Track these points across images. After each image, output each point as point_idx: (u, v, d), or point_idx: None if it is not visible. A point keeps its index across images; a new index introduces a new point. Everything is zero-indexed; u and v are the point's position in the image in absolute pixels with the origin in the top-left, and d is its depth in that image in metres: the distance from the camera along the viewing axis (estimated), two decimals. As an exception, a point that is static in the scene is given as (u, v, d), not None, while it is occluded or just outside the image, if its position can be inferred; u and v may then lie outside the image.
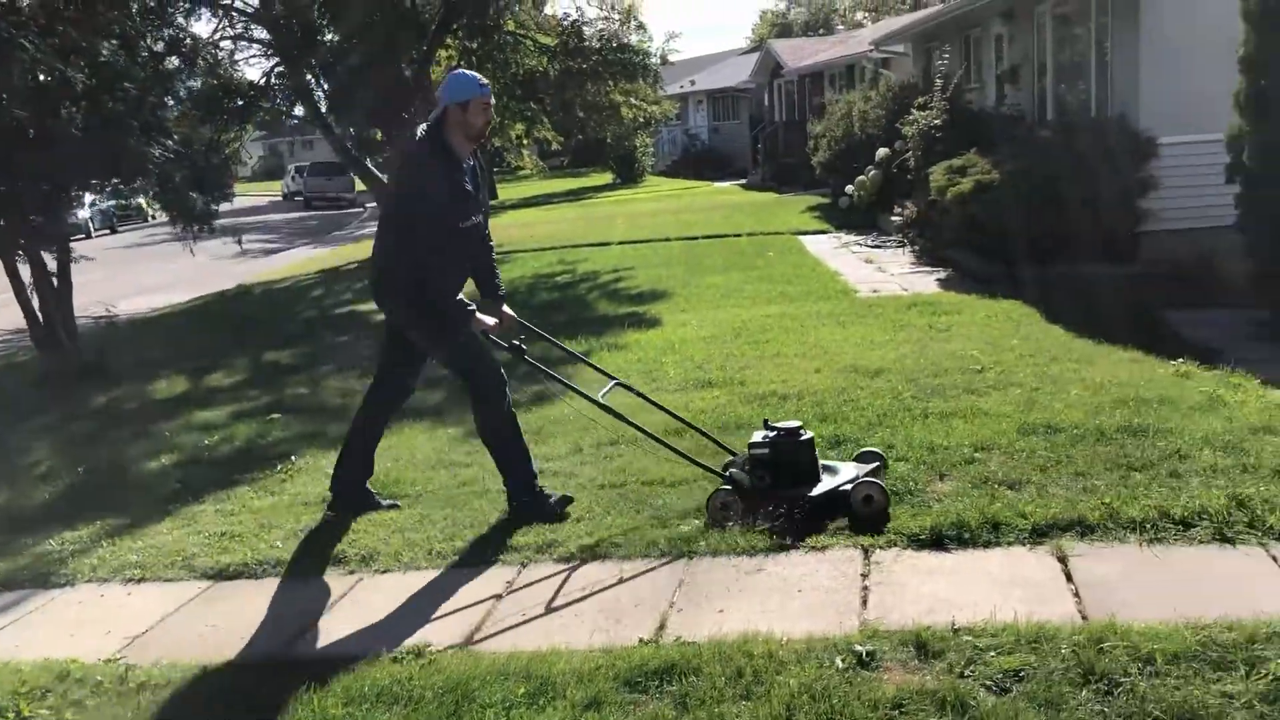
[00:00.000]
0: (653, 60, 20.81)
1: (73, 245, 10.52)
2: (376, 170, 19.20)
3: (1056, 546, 4.10)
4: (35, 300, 9.91)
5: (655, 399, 6.64)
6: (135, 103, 9.86)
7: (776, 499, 4.56)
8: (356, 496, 5.28)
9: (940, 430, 5.59)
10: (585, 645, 3.69)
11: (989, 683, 3.16)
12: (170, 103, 14.01)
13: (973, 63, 16.69)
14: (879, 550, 4.23)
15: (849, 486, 4.57)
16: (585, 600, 4.08)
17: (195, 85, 16.27)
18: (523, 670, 3.50)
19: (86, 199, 25.23)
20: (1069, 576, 3.88)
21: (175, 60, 14.10)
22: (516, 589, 4.27)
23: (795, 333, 8.70)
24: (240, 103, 18.08)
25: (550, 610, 4.04)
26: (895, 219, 14.64)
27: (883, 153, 16.38)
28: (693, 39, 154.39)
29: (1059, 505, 4.41)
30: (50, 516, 5.83)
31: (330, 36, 17.80)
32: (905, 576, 4.01)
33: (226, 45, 17.79)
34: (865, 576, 4.03)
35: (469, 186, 4.90)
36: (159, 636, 4.20)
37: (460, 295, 4.90)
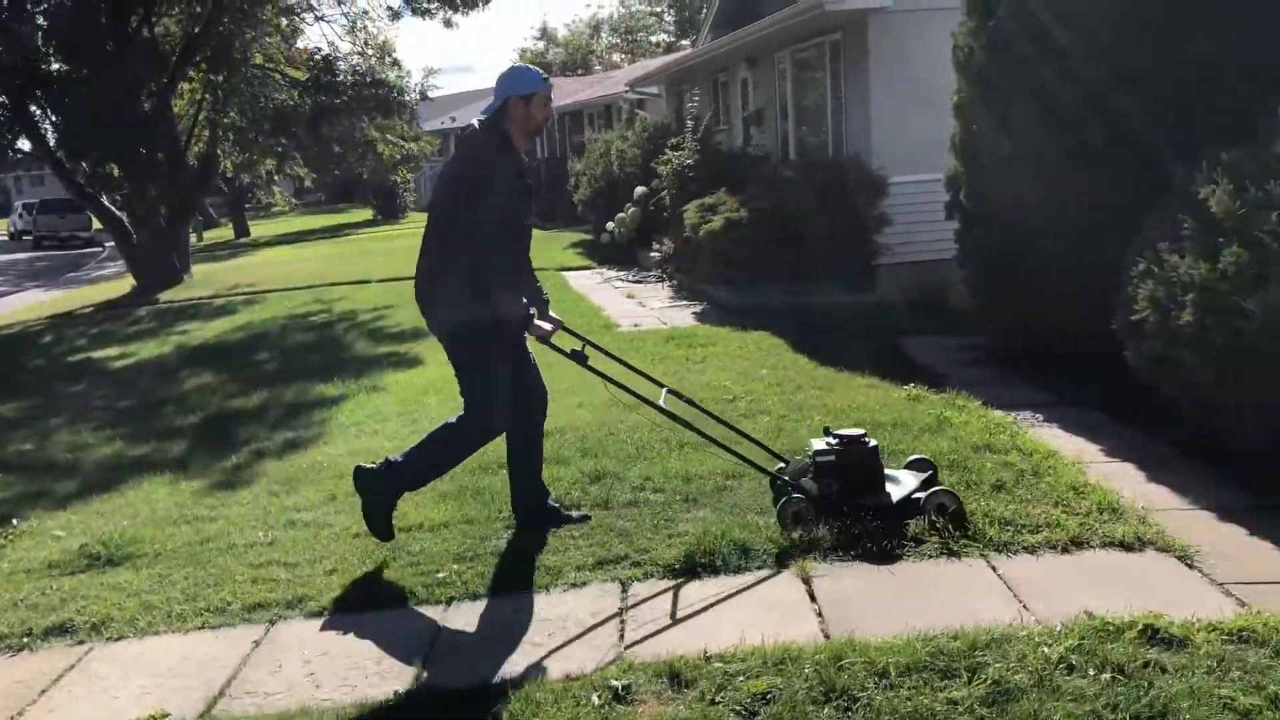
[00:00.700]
0: (410, 96, 20.58)
1: None
2: (114, 207, 18.04)
3: (801, 568, 4.28)
4: None
5: (413, 442, 6.59)
6: None
7: (854, 507, 4.55)
8: (541, 513, 5.03)
9: (695, 460, 5.75)
10: (339, 702, 3.55)
11: (738, 708, 3.25)
12: None
13: (721, 105, 17.42)
14: (636, 583, 4.29)
15: (922, 494, 4.60)
16: (334, 659, 3.93)
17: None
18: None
19: None
20: (813, 597, 4.06)
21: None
22: (264, 646, 4.07)
23: (559, 368, 8.71)
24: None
25: (300, 669, 3.86)
26: (654, 255, 15.04)
27: (640, 191, 16.81)
28: (450, 77, 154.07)
29: (838, 530, 4.60)
30: None
31: (59, 67, 16.65)
32: (661, 607, 4.08)
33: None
34: (623, 610, 4.07)
35: (530, 182, 4.74)
36: None
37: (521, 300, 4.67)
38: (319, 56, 19.38)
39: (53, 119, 17.53)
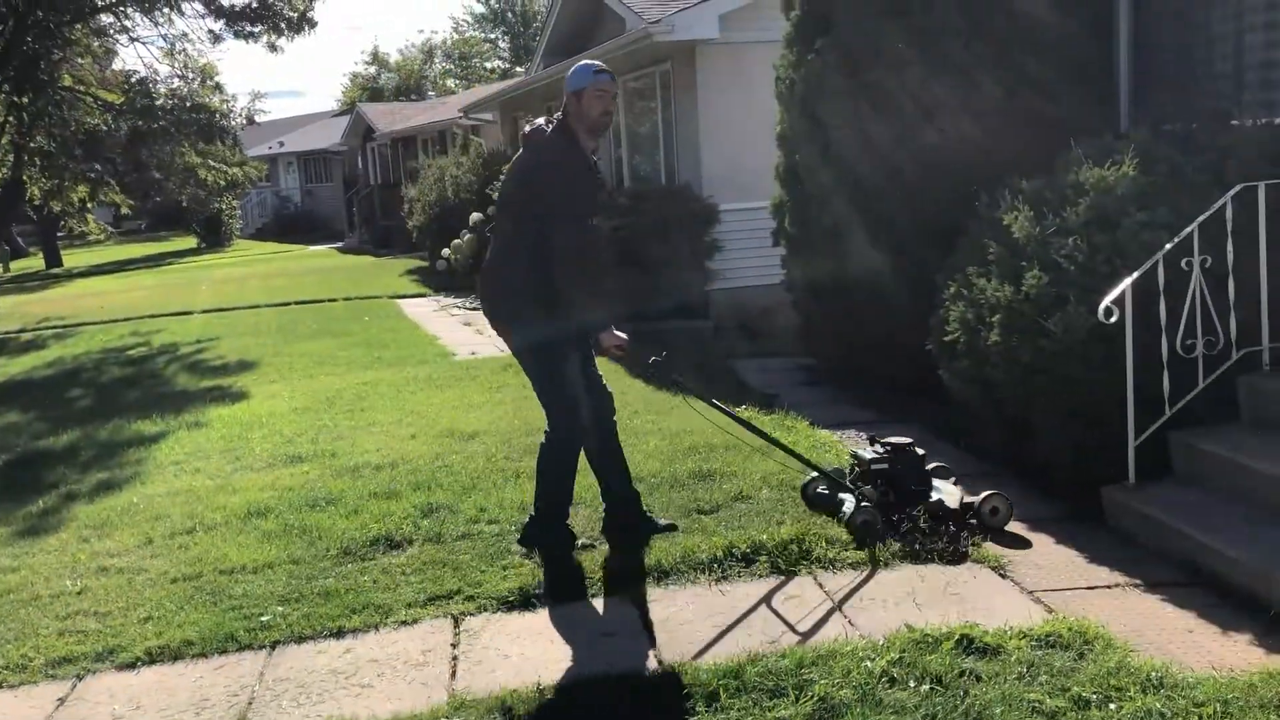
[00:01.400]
0: (234, 121, 19.92)
1: None
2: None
3: (638, 593, 4.31)
4: None
5: (237, 481, 6.36)
6: None
7: (903, 511, 4.76)
8: (636, 519, 4.93)
9: (531, 490, 5.68)
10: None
11: (572, 739, 3.24)
12: None
13: (556, 131, 17.46)
14: (469, 617, 4.23)
15: (973, 498, 4.84)
16: (147, 713, 3.72)
17: None
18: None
19: None
20: (647, 621, 4.08)
21: None
22: (70, 703, 3.82)
23: (392, 399, 8.58)
24: None
25: (110, 726, 3.65)
26: (491, 281, 14.91)
27: (476, 217, 16.69)
28: (279, 102, 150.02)
29: (630, 553, 4.63)
30: None
31: None
32: (495, 641, 4.03)
33: None
34: (455, 646, 4.00)
35: (600, 176, 4.62)
36: None
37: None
38: (134, 79, 18.56)
39: None
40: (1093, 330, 4.86)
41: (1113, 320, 4.64)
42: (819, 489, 5.08)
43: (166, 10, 17.68)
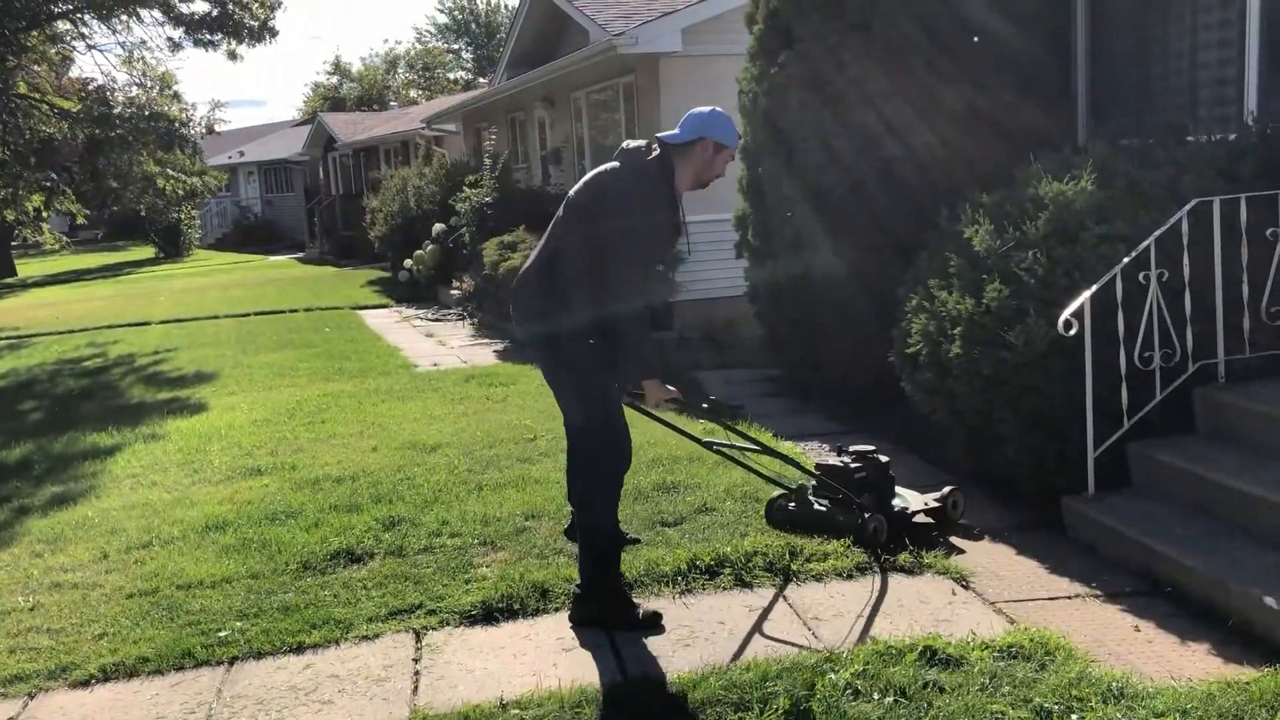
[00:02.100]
0: (194, 130, 19.70)
1: None
2: None
3: (601, 607, 4.27)
4: None
5: (195, 494, 6.28)
6: None
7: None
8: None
9: (494, 502, 5.67)
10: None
11: (535, 754, 3.21)
12: None
13: (519, 144, 17.46)
14: (431, 632, 4.19)
15: (937, 500, 5.09)
16: (105, 729, 3.66)
17: None
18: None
19: None
20: (612, 637, 4.05)
21: None
22: (21, 726, 3.74)
23: (353, 411, 8.50)
24: None
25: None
26: (454, 293, 14.87)
27: (439, 228, 16.63)
28: (240, 111, 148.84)
29: None
30: None
31: None
32: (457, 656, 3.99)
33: None
34: (417, 661, 3.96)
35: (681, 223, 4.33)
36: None
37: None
38: (92, 87, 18.32)
39: None
40: (1053, 343, 4.91)
41: (1072, 333, 4.69)
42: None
43: (125, 18, 17.47)
